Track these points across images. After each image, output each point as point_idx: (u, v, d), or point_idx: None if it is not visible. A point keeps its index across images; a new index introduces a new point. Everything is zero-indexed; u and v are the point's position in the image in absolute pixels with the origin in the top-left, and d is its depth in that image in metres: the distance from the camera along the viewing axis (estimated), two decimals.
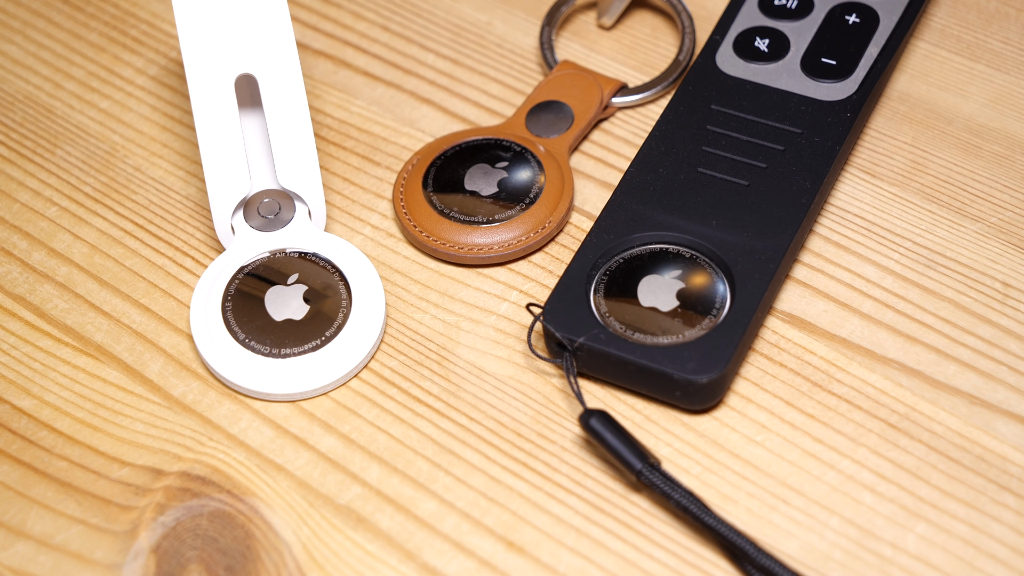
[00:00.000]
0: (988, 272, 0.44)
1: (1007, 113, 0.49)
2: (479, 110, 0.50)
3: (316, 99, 0.51)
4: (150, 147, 0.50)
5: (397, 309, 0.45)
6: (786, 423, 0.41)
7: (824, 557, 0.39)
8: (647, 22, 0.53)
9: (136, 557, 0.40)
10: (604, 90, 0.49)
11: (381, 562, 0.39)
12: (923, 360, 0.43)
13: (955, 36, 0.51)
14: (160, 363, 0.44)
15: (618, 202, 0.45)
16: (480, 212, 0.46)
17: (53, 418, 0.43)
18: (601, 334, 0.41)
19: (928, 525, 0.39)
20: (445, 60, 0.52)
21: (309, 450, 0.42)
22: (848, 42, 0.48)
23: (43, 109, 0.51)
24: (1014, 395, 0.42)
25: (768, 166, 0.45)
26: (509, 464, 0.41)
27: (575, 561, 0.39)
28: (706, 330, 0.41)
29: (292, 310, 0.44)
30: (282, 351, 0.43)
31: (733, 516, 0.40)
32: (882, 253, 0.45)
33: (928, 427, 0.41)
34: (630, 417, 0.42)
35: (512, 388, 0.43)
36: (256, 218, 0.45)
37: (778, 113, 0.46)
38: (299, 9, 0.54)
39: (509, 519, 0.40)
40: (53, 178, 0.49)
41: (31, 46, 0.53)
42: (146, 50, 0.53)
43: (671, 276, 0.43)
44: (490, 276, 0.46)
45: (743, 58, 0.48)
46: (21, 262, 0.47)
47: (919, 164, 0.47)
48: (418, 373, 0.43)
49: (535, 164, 0.47)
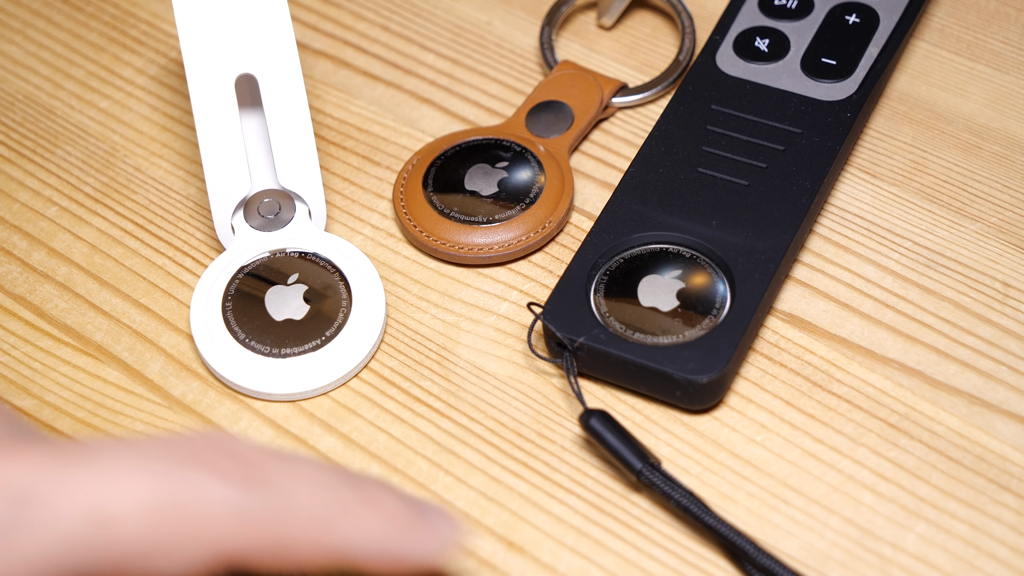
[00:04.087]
0: (988, 272, 0.44)
1: (1007, 113, 0.49)
2: (479, 110, 0.50)
3: (316, 99, 0.51)
4: (150, 147, 0.50)
5: (397, 309, 0.45)
6: (786, 423, 0.41)
7: (824, 557, 0.39)
8: (647, 22, 0.53)
9: None
10: (604, 90, 0.49)
11: None
12: (923, 360, 0.43)
13: (955, 36, 0.51)
14: (160, 363, 0.44)
15: (618, 202, 0.45)
16: (480, 212, 0.46)
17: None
18: (601, 334, 0.41)
19: (928, 525, 0.39)
20: (445, 60, 0.52)
21: (309, 450, 0.42)
22: (848, 42, 0.48)
23: (43, 109, 0.51)
24: (1014, 395, 0.42)
25: (768, 166, 0.45)
26: (509, 464, 0.41)
27: (575, 561, 0.39)
28: (706, 330, 0.41)
29: (292, 310, 0.44)
30: (282, 351, 0.43)
31: (733, 516, 0.40)
32: (882, 253, 0.45)
33: (928, 427, 0.41)
34: (630, 417, 0.42)
35: (512, 388, 0.43)
36: (256, 218, 0.45)
37: (778, 113, 0.46)
38: (299, 9, 0.54)
39: (509, 519, 0.40)
40: (53, 178, 0.49)
41: (31, 46, 0.53)
42: (146, 50, 0.53)
43: (671, 276, 0.43)
44: (490, 276, 0.46)
45: (743, 58, 0.48)
46: (21, 262, 0.47)
47: (919, 164, 0.47)
48: (418, 373, 0.43)
49: (535, 164, 0.47)
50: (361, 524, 0.32)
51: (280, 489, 0.31)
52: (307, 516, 0.31)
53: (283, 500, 0.30)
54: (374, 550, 0.32)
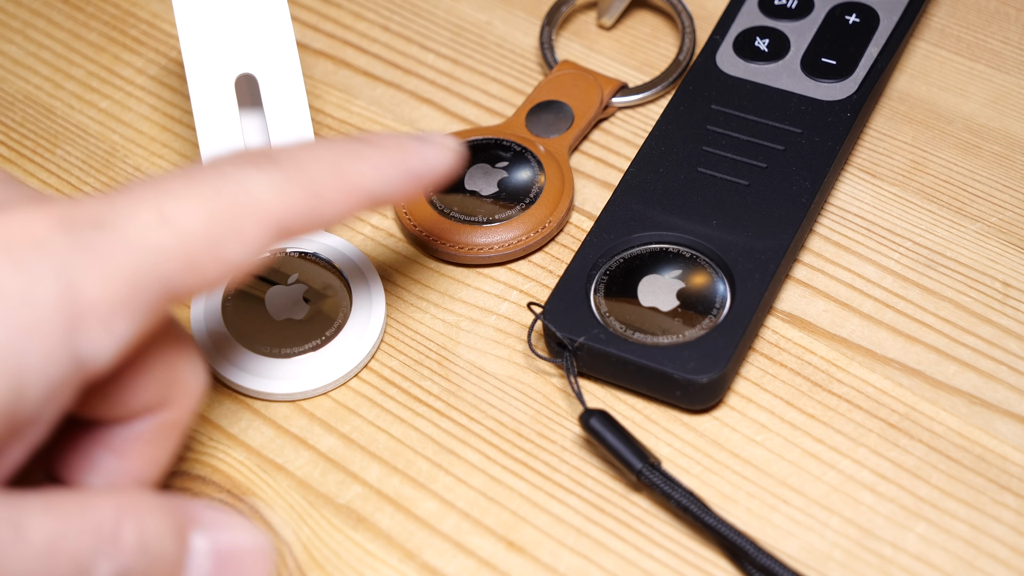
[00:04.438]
0: (988, 272, 0.44)
1: (1007, 113, 0.49)
2: (479, 110, 0.50)
3: (316, 99, 0.51)
4: (150, 147, 0.50)
5: (397, 309, 0.45)
6: (786, 423, 0.41)
7: (824, 557, 0.39)
8: (647, 22, 0.53)
9: None
10: (604, 90, 0.49)
11: (381, 562, 0.39)
12: (923, 360, 0.43)
13: (955, 36, 0.51)
14: None
15: (618, 202, 0.45)
16: (480, 212, 0.46)
17: None
18: (601, 334, 0.41)
19: (928, 525, 0.39)
20: (445, 60, 0.52)
21: (309, 450, 0.42)
22: (848, 42, 0.48)
23: (43, 109, 0.51)
24: (1014, 395, 0.42)
25: (768, 166, 0.45)
26: (509, 464, 0.41)
27: (575, 561, 0.39)
28: (706, 330, 0.41)
29: (292, 310, 0.44)
30: (282, 351, 0.43)
31: (733, 516, 0.40)
32: (882, 253, 0.45)
33: (928, 427, 0.41)
34: (630, 417, 0.42)
35: (512, 388, 0.43)
36: None
37: (778, 113, 0.46)
38: (299, 9, 0.54)
39: (509, 519, 0.40)
40: (53, 178, 0.49)
41: (31, 46, 0.53)
42: (146, 50, 0.53)
43: (671, 276, 0.43)
44: (490, 276, 0.46)
45: (743, 58, 0.48)
46: None
47: (919, 164, 0.47)
48: (418, 373, 0.43)
49: (535, 164, 0.47)
50: (369, 157, 0.36)
51: (295, 159, 0.35)
52: (324, 166, 0.35)
53: (301, 164, 0.35)
54: (389, 172, 0.36)
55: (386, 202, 0.37)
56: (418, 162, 0.37)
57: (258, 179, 0.34)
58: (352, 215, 0.36)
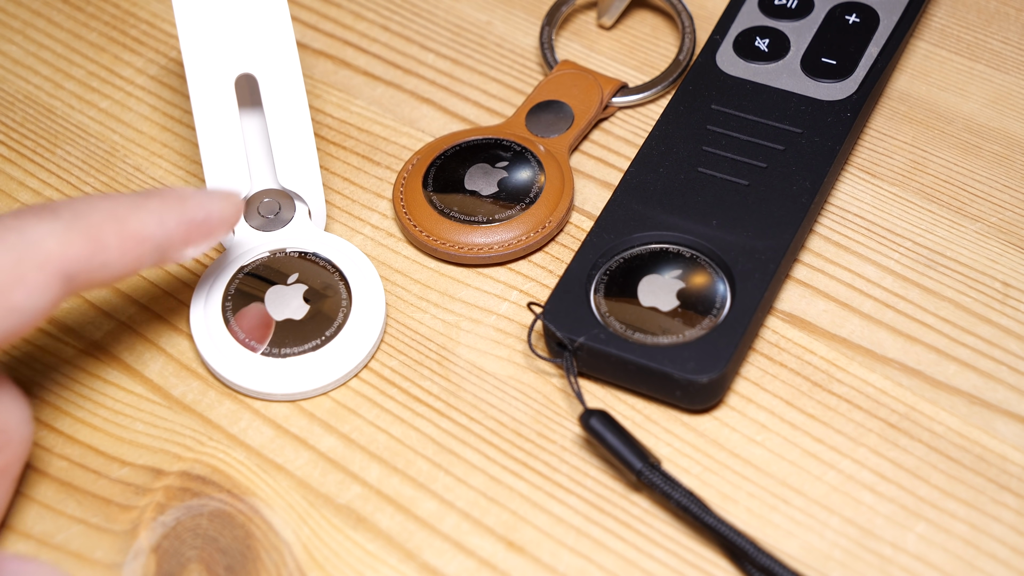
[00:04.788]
0: (988, 272, 0.44)
1: (1007, 113, 0.49)
2: (479, 110, 0.50)
3: (316, 99, 0.51)
4: (150, 147, 0.50)
5: (397, 309, 0.45)
6: (786, 423, 0.41)
7: (824, 557, 0.39)
8: (647, 22, 0.53)
9: (136, 557, 0.40)
10: (604, 90, 0.49)
11: (381, 562, 0.39)
12: (923, 360, 0.43)
13: (955, 36, 0.51)
14: (160, 363, 0.44)
15: (618, 202, 0.45)
16: (480, 212, 0.46)
17: (53, 417, 0.43)
18: (601, 334, 0.41)
19: (928, 525, 0.39)
20: (445, 60, 0.52)
21: (309, 450, 0.42)
22: (848, 42, 0.48)
23: (43, 109, 0.51)
24: (1014, 395, 0.42)
25: (768, 166, 0.45)
26: (509, 464, 0.41)
27: (575, 561, 0.39)
28: (706, 330, 0.41)
29: (292, 310, 0.44)
30: (282, 351, 0.43)
31: (733, 516, 0.40)
32: (882, 253, 0.45)
33: (928, 427, 0.41)
34: (630, 417, 0.42)
35: (512, 388, 0.43)
36: (256, 218, 0.45)
37: (778, 113, 0.46)
38: (299, 9, 0.54)
39: (509, 519, 0.40)
40: (53, 178, 0.49)
41: (31, 46, 0.53)
42: (146, 50, 0.53)
43: (671, 276, 0.43)
44: (490, 276, 0.46)
45: (743, 58, 0.48)
46: None
47: (919, 164, 0.47)
48: (418, 373, 0.43)
49: (535, 164, 0.47)
50: (149, 207, 0.38)
51: (75, 210, 0.37)
52: (104, 216, 0.37)
53: (81, 214, 0.37)
54: (169, 221, 0.38)
55: (173, 252, 0.39)
56: (198, 211, 0.39)
57: (39, 228, 0.36)
58: (143, 266, 0.38)
